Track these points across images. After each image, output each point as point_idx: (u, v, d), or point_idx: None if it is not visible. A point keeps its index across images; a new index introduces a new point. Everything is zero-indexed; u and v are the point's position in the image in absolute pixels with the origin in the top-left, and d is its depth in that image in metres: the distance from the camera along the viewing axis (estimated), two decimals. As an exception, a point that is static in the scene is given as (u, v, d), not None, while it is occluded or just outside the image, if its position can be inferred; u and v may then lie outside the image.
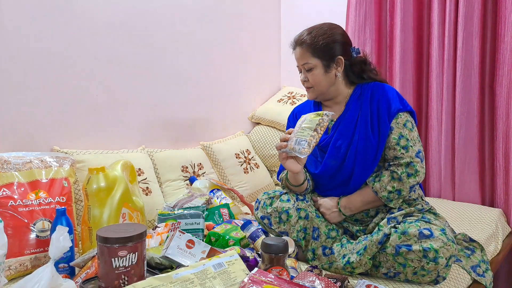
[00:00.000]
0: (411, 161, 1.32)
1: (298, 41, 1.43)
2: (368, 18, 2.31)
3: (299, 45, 1.43)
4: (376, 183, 1.35)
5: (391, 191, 1.33)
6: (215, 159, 2.25)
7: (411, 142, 1.35)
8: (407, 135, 1.35)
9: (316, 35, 1.40)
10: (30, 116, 1.67)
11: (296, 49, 1.44)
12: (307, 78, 1.43)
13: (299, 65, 1.45)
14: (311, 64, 1.40)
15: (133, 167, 1.64)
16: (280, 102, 2.64)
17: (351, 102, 1.43)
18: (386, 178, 1.34)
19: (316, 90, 1.44)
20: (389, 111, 1.37)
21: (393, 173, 1.33)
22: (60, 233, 1.05)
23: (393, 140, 1.35)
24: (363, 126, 1.38)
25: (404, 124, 1.37)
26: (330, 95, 1.46)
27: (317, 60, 1.40)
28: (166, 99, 2.18)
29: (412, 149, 1.34)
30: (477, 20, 1.98)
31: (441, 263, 1.16)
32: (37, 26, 1.66)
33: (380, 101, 1.39)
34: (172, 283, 0.94)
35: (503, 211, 2.00)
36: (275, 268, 1.08)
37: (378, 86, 1.43)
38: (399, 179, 1.32)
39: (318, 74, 1.41)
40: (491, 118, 2.05)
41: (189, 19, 2.26)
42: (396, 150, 1.34)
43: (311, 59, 1.40)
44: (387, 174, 1.34)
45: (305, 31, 1.44)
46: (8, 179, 1.37)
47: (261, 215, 1.41)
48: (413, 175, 1.32)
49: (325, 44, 1.39)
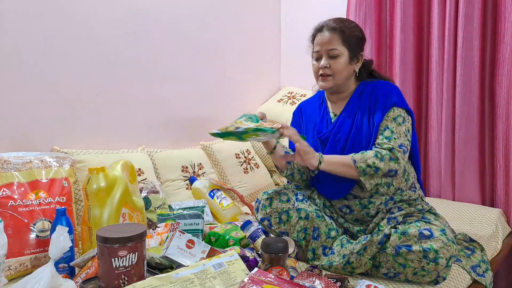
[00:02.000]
0: (393, 147, 1.31)
1: (329, 26, 1.41)
2: (368, 18, 2.31)
3: (330, 30, 1.40)
4: (358, 154, 1.33)
5: (369, 165, 1.30)
6: (215, 159, 2.25)
7: (395, 134, 1.34)
8: (393, 128, 1.35)
9: (348, 26, 1.41)
10: (30, 116, 1.67)
11: (325, 33, 1.40)
12: (329, 64, 1.40)
13: (323, 50, 1.41)
14: (338, 51, 1.39)
15: (133, 167, 1.64)
16: (280, 102, 2.64)
17: (353, 98, 1.45)
18: (370, 153, 1.32)
19: (335, 79, 1.41)
20: (384, 105, 1.38)
21: (377, 153, 1.31)
22: (60, 233, 1.05)
23: (379, 131, 1.36)
24: (360, 120, 1.40)
25: (394, 118, 1.37)
26: (342, 88, 1.46)
27: (346, 49, 1.40)
28: (166, 99, 2.18)
29: (395, 141, 1.33)
30: (477, 20, 1.98)
31: (441, 263, 1.16)
32: (37, 26, 1.66)
33: (379, 96, 1.40)
34: (172, 283, 0.94)
35: (503, 211, 2.00)
36: (275, 268, 1.08)
37: (380, 83, 1.44)
38: (381, 159, 1.30)
39: (342, 63, 1.40)
40: (491, 118, 2.05)
41: (189, 19, 2.26)
42: (379, 139, 1.34)
43: (341, 46, 1.39)
44: (372, 151, 1.33)
45: (334, 20, 1.43)
46: (8, 179, 1.37)
47: (261, 217, 1.41)
48: (394, 160, 1.30)
49: (356, 37, 1.41)
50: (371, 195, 1.38)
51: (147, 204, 1.68)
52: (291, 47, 2.83)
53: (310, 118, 1.55)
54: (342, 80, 1.42)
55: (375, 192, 1.38)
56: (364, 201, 1.39)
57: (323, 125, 1.49)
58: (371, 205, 1.39)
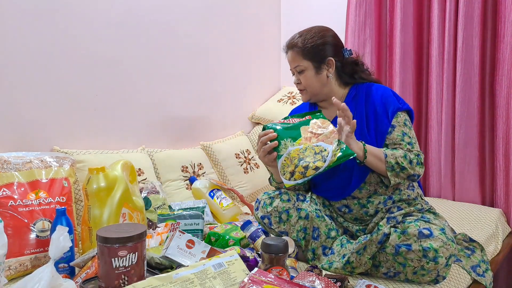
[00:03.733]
0: (420, 153, 1.36)
1: (290, 44, 1.46)
2: (368, 18, 2.31)
3: (290, 48, 1.46)
4: (389, 150, 1.35)
5: (398, 162, 1.31)
6: (215, 159, 2.25)
7: (413, 139, 1.39)
8: (409, 133, 1.39)
9: (306, 37, 1.43)
10: (30, 116, 1.67)
11: (288, 52, 1.47)
12: (299, 80, 1.46)
13: (292, 68, 1.47)
14: (302, 66, 1.43)
15: (133, 167, 1.64)
16: (280, 102, 2.64)
17: (346, 102, 1.44)
18: (400, 152, 1.34)
19: (309, 92, 1.47)
20: (388, 110, 1.39)
21: (406, 155, 1.34)
22: (60, 233, 1.05)
23: (397, 137, 1.37)
24: (358, 126, 1.39)
25: (404, 123, 1.40)
26: (324, 96, 1.48)
27: (308, 62, 1.42)
28: (166, 99, 2.18)
29: (416, 145, 1.39)
30: (477, 20, 1.98)
31: (440, 262, 1.16)
32: (37, 26, 1.66)
33: (377, 101, 1.41)
34: (172, 283, 0.94)
35: (503, 211, 2.00)
36: (275, 268, 1.08)
37: (373, 86, 1.46)
38: (410, 162, 1.33)
39: (309, 76, 1.43)
40: (491, 118, 2.05)
41: (189, 19, 2.26)
42: (402, 145, 1.37)
43: (302, 61, 1.43)
44: (402, 151, 1.34)
45: (296, 35, 1.47)
46: (8, 179, 1.37)
47: (261, 214, 1.41)
48: (420, 165, 1.35)
49: (314, 46, 1.42)
50: (370, 195, 1.39)
51: (147, 205, 1.68)
52: (291, 47, 2.83)
53: None
54: (316, 90, 1.45)
55: (374, 192, 1.39)
56: (362, 201, 1.39)
57: None
58: (370, 204, 1.39)
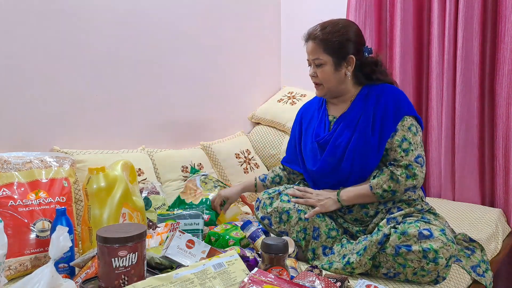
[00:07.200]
0: (410, 164, 1.32)
1: (312, 35, 1.41)
2: (368, 18, 2.31)
3: (312, 39, 1.41)
4: (374, 179, 1.35)
5: (386, 189, 1.33)
6: (215, 159, 2.25)
7: (413, 146, 1.35)
8: (410, 139, 1.35)
9: (330, 31, 1.39)
10: (30, 116, 1.67)
11: (309, 42, 1.42)
12: (316, 73, 1.42)
13: (310, 59, 1.43)
14: (321, 60, 1.39)
15: (133, 167, 1.64)
16: (280, 102, 2.64)
17: (356, 101, 1.43)
18: (385, 176, 1.34)
19: (325, 88, 1.43)
20: (395, 113, 1.37)
21: (392, 174, 1.33)
22: (60, 233, 1.05)
23: (395, 142, 1.35)
24: (363, 126, 1.38)
25: (408, 127, 1.37)
26: (339, 93, 1.45)
27: (328, 56, 1.39)
28: (166, 99, 2.18)
29: (412, 153, 1.34)
30: (477, 20, 1.98)
31: (441, 263, 1.16)
32: (37, 25, 1.66)
33: (387, 103, 1.38)
34: (172, 283, 0.94)
35: (503, 211, 2.00)
36: (275, 268, 1.08)
37: (386, 88, 1.42)
38: (397, 181, 1.32)
39: (328, 71, 1.40)
40: (491, 118, 2.05)
41: (189, 19, 2.26)
42: (397, 152, 1.34)
43: (323, 55, 1.39)
44: (387, 173, 1.34)
45: (319, 26, 1.42)
46: (8, 179, 1.37)
47: (262, 215, 1.41)
48: (412, 177, 1.32)
49: (338, 42, 1.38)
50: None
51: (147, 205, 1.68)
52: (291, 47, 2.83)
53: (310, 123, 1.55)
54: (333, 86, 1.42)
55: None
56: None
57: (320, 128, 1.48)
58: (370, 205, 1.39)
